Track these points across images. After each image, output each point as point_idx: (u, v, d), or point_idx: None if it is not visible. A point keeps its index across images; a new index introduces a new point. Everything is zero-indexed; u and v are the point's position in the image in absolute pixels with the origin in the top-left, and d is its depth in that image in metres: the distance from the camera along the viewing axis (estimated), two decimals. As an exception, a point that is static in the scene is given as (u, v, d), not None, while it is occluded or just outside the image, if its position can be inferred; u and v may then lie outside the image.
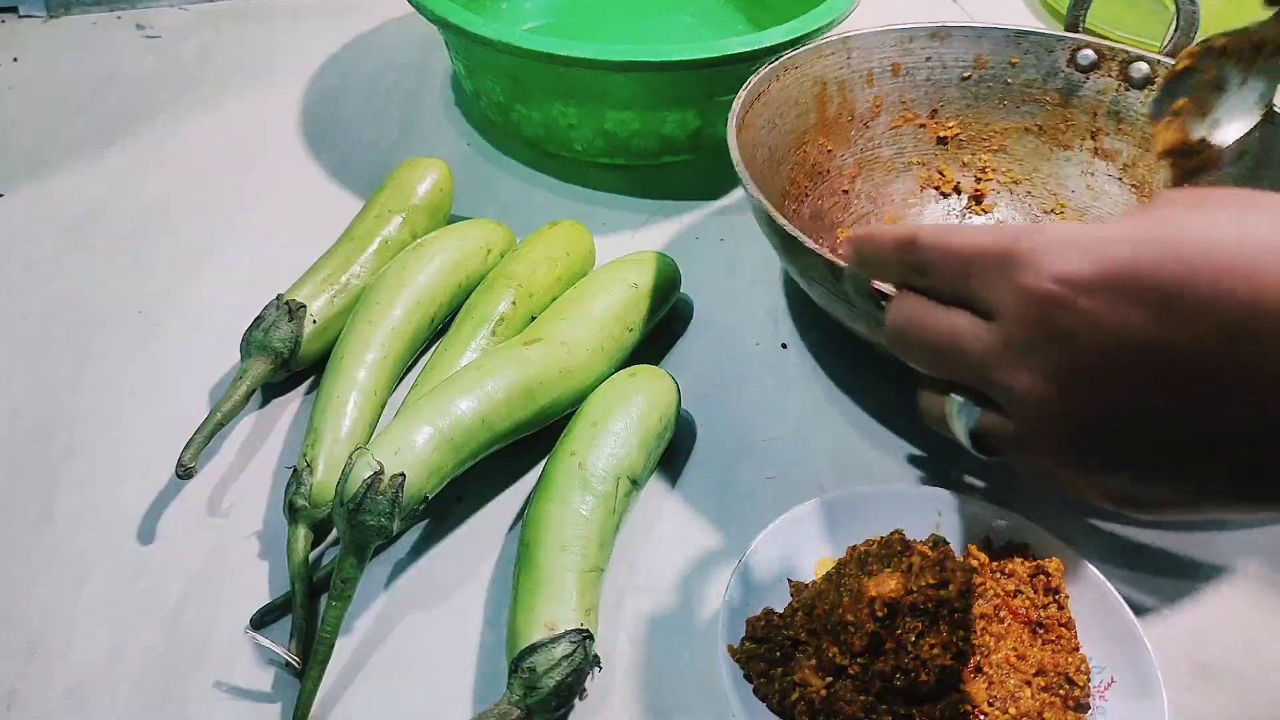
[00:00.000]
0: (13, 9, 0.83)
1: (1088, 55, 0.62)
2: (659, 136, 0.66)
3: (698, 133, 0.67)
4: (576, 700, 0.41)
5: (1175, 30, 0.61)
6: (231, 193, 0.67)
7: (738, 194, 0.68)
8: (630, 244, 0.63)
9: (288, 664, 0.42)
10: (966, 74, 0.63)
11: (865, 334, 0.50)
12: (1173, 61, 0.59)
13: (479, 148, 0.71)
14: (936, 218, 0.64)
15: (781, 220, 0.47)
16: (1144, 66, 0.61)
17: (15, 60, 0.78)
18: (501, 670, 0.41)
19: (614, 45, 0.60)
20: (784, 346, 0.58)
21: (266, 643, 0.42)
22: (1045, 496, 0.49)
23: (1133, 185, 0.62)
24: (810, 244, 0.46)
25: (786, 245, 0.48)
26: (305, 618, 0.43)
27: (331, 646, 0.40)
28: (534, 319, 0.53)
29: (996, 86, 0.64)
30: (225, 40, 0.82)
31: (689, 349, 0.57)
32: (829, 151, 0.62)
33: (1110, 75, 0.62)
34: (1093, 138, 0.63)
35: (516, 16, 0.80)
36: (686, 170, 0.70)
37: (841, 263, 0.45)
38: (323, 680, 0.41)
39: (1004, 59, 0.63)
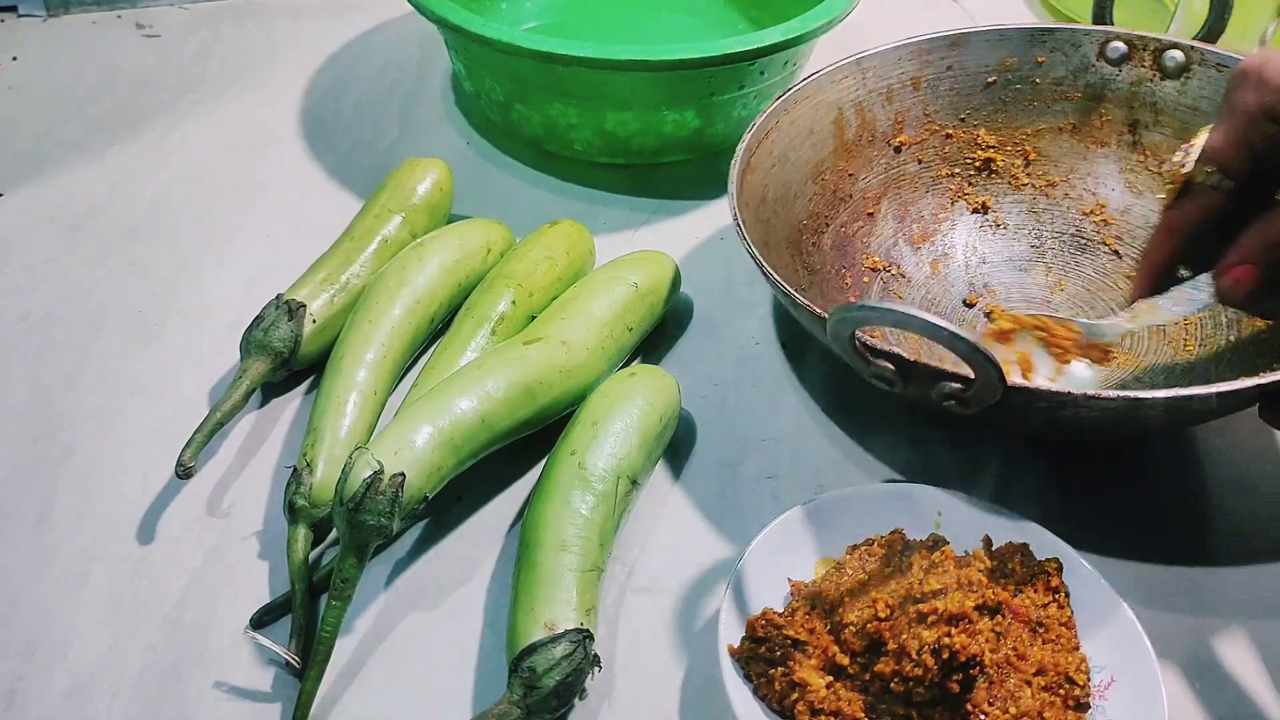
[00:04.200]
0: (12, 8, 0.83)
1: (1117, 47, 0.60)
2: (659, 136, 0.66)
3: (698, 132, 0.67)
4: (576, 700, 0.41)
5: (1209, 15, 0.60)
6: (231, 193, 0.67)
7: (738, 194, 0.68)
8: (630, 244, 0.63)
9: (288, 664, 0.42)
10: (991, 79, 0.62)
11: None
12: (1208, 46, 0.58)
13: (479, 148, 0.71)
14: (970, 230, 0.62)
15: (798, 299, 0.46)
16: (1178, 55, 0.59)
17: (15, 60, 0.78)
18: (501, 670, 0.41)
19: (613, 45, 0.60)
20: (784, 346, 0.58)
21: (266, 643, 0.42)
22: (1044, 497, 0.50)
23: (1173, 180, 0.61)
24: (801, 300, 0.45)
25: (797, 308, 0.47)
26: (305, 618, 0.43)
27: (331, 646, 0.40)
28: (534, 318, 0.53)
29: (1024, 89, 0.62)
30: (225, 40, 0.81)
31: (689, 349, 0.57)
32: (850, 176, 0.60)
33: (1144, 66, 0.60)
34: (1130, 131, 0.61)
35: (516, 16, 0.80)
36: (686, 170, 0.69)
37: (817, 309, 0.44)
38: (323, 680, 0.41)
39: (1029, 59, 0.61)
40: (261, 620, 0.44)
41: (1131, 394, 0.41)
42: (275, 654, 0.42)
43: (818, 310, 0.44)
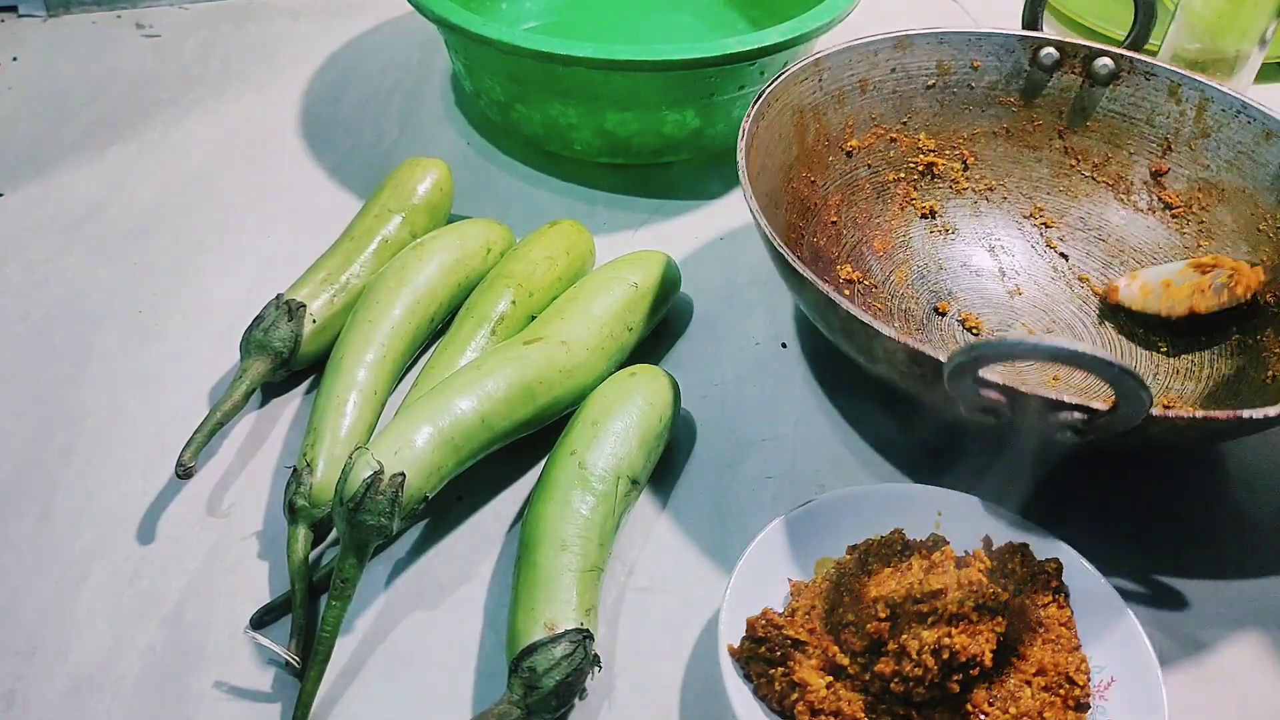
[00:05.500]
0: (12, 8, 0.83)
1: (1050, 54, 0.61)
2: (659, 136, 0.66)
3: (697, 132, 0.67)
4: (576, 700, 0.41)
5: (1135, 25, 0.61)
6: (231, 193, 0.67)
7: (738, 193, 0.68)
8: (630, 244, 0.63)
9: (288, 664, 0.42)
10: (931, 82, 0.62)
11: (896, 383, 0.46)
12: (1137, 55, 0.60)
13: (479, 148, 0.71)
14: (922, 236, 0.62)
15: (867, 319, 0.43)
16: (1108, 62, 0.60)
17: (15, 60, 0.78)
18: (501, 670, 0.41)
19: (613, 45, 0.60)
20: (784, 346, 0.58)
21: (266, 643, 0.42)
22: (1046, 497, 0.49)
23: (1107, 183, 0.62)
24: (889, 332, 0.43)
25: (858, 337, 0.45)
26: (305, 618, 0.43)
27: (331, 646, 0.40)
28: (534, 318, 0.53)
29: (960, 92, 0.62)
30: (225, 40, 0.82)
31: (689, 349, 0.57)
32: (812, 183, 0.59)
33: (1074, 73, 0.61)
34: (1061, 137, 0.62)
35: (516, 16, 0.80)
36: (686, 170, 0.70)
37: (932, 352, 0.41)
38: (323, 680, 0.41)
39: (965, 63, 0.62)
40: (261, 620, 0.44)
41: None
42: (275, 654, 0.42)
43: (934, 355, 0.41)
